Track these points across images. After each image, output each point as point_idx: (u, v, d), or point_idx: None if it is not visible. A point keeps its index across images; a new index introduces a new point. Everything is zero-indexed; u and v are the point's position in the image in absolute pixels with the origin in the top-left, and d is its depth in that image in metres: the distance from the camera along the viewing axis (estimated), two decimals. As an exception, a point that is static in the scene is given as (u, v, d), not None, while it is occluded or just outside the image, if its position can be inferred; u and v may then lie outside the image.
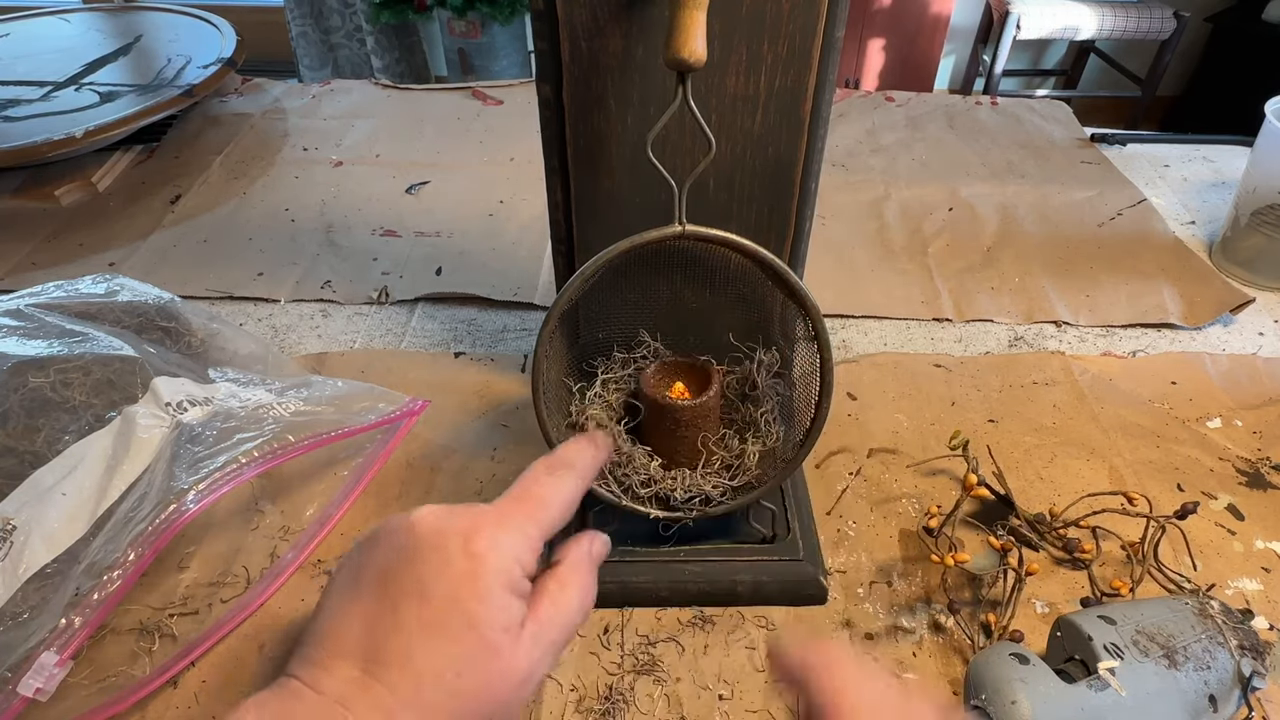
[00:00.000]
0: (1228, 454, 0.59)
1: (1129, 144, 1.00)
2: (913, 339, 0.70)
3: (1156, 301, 0.74)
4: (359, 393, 0.57)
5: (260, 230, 0.82)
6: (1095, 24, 2.25)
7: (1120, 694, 0.37)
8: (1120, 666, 0.38)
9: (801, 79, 0.42)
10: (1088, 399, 0.63)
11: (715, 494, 0.45)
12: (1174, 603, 0.42)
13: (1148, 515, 0.50)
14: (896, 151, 0.97)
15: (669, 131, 0.42)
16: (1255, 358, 0.68)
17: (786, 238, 0.48)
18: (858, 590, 0.50)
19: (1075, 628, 0.40)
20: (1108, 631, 0.39)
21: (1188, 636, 0.39)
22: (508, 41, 2.32)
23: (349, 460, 0.57)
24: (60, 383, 0.49)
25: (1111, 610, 0.41)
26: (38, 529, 0.45)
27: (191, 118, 1.00)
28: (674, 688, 0.45)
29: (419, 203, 0.87)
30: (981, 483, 0.51)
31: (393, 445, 0.57)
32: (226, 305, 0.73)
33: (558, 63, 0.41)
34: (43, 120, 0.86)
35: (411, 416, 0.57)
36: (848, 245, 0.81)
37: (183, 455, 0.48)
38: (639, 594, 0.48)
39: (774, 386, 0.49)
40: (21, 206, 0.85)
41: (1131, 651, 0.38)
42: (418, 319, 0.72)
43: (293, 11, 2.37)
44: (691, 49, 0.35)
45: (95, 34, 1.05)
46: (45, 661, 0.40)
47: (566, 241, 0.49)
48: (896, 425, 0.61)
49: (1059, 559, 0.51)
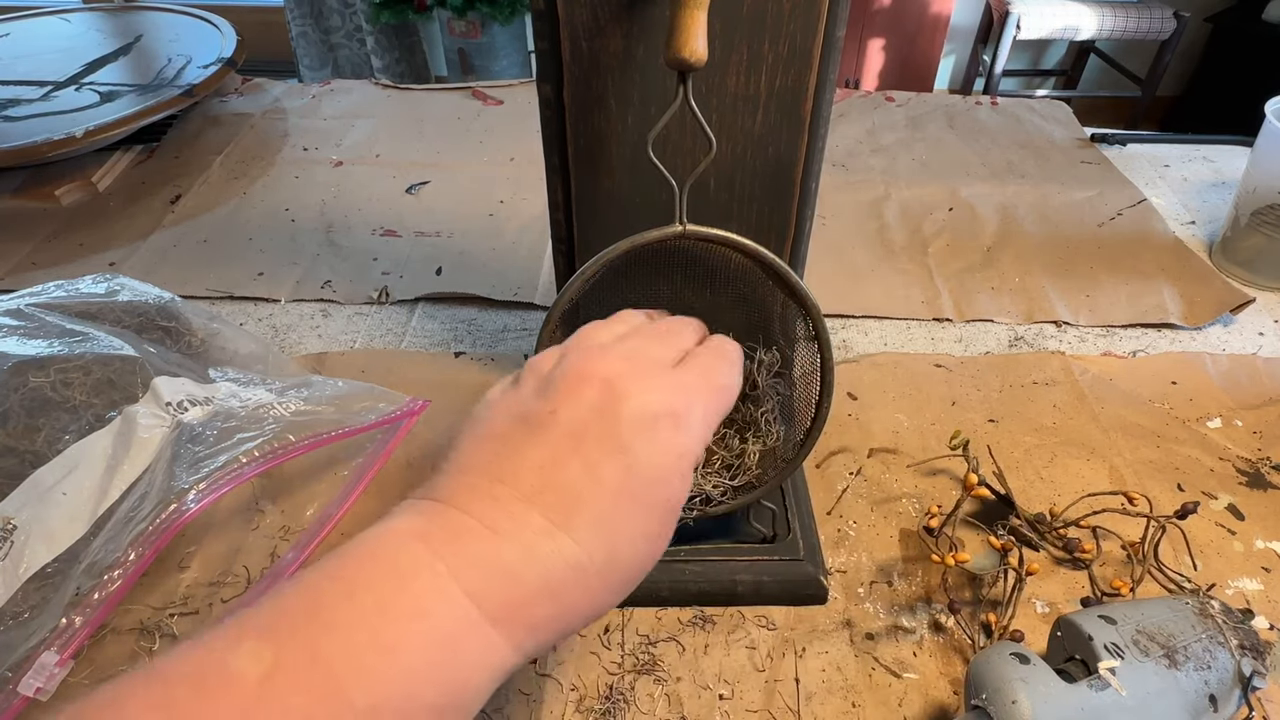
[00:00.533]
0: (1228, 454, 0.59)
1: (1129, 144, 1.00)
2: (913, 339, 0.70)
3: (1156, 301, 0.74)
4: (359, 393, 0.57)
5: (260, 230, 0.82)
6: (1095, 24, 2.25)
7: (1121, 693, 0.37)
8: (1121, 666, 0.38)
9: (802, 79, 0.42)
10: (1088, 399, 0.63)
11: (715, 494, 0.45)
12: (1174, 603, 0.42)
13: (1148, 515, 0.50)
14: (896, 151, 0.97)
15: (669, 131, 0.42)
16: (1255, 358, 0.68)
17: (787, 238, 0.48)
18: (858, 590, 0.50)
19: (1075, 627, 0.40)
20: (1108, 631, 0.39)
21: (1188, 636, 0.39)
22: (508, 41, 2.32)
23: (349, 460, 0.57)
24: (60, 382, 0.49)
25: (1112, 610, 0.41)
26: (38, 529, 0.45)
27: (191, 118, 1.00)
28: (674, 687, 0.45)
29: (419, 203, 0.87)
30: (982, 482, 0.51)
31: (393, 445, 0.57)
32: (226, 305, 0.73)
33: (558, 62, 0.41)
34: (43, 120, 0.86)
35: (412, 416, 0.57)
36: (848, 245, 0.81)
37: (183, 455, 0.48)
38: (639, 594, 0.47)
39: (774, 386, 0.49)
40: (21, 206, 0.85)
41: (1132, 651, 0.38)
42: (418, 319, 0.72)
43: (293, 11, 2.37)
44: (692, 49, 0.35)
45: (95, 34, 1.05)
46: (46, 661, 0.40)
47: (567, 241, 0.49)
48: (897, 425, 0.61)
49: (1059, 559, 0.51)
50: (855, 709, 0.44)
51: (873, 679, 0.45)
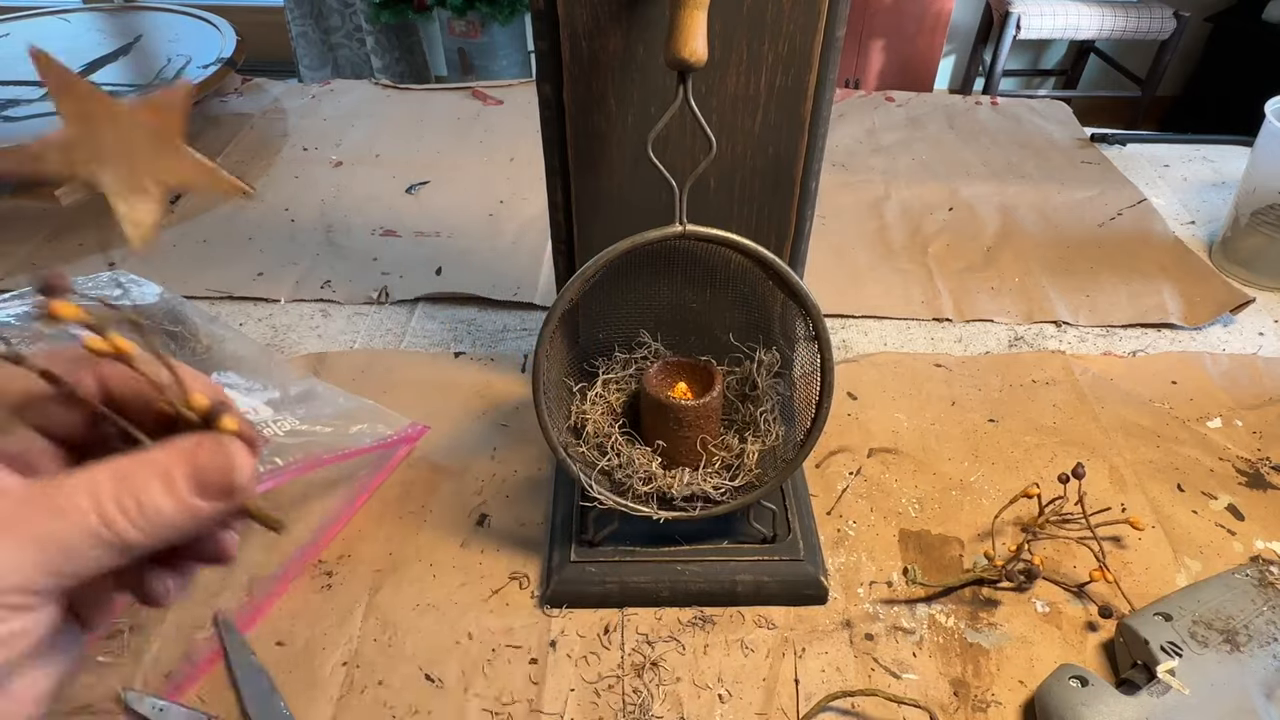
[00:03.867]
0: (1228, 454, 0.59)
1: (1129, 144, 1.00)
2: (913, 339, 0.70)
3: (1156, 301, 0.74)
4: (359, 410, 0.56)
5: (260, 230, 0.82)
6: (1095, 24, 2.25)
7: (1184, 693, 0.37)
8: (1180, 664, 0.38)
9: (802, 79, 0.42)
10: (1088, 399, 0.63)
11: (716, 494, 0.45)
12: (1230, 578, 0.41)
13: (1036, 495, 0.50)
14: (896, 151, 0.97)
15: (669, 131, 0.42)
16: (1255, 358, 0.68)
17: (787, 238, 0.48)
18: (858, 590, 0.50)
19: (1132, 632, 0.40)
20: (1164, 630, 0.39)
21: (1249, 613, 0.39)
22: (508, 41, 2.32)
23: (343, 483, 0.55)
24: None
25: (1168, 604, 0.41)
26: None
27: (191, 118, 1.00)
28: (674, 688, 0.45)
29: (419, 203, 0.87)
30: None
31: (386, 472, 0.56)
32: (226, 305, 0.73)
33: (558, 62, 0.41)
34: (43, 120, 0.86)
35: (410, 442, 0.57)
36: (848, 245, 0.81)
37: None
38: (639, 594, 0.48)
39: (774, 386, 0.49)
40: (21, 206, 0.85)
41: (1190, 645, 0.38)
42: (418, 319, 0.72)
43: (293, 11, 2.37)
44: (692, 49, 0.35)
45: (95, 34, 1.05)
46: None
47: (567, 241, 0.49)
48: (896, 425, 0.61)
49: (1023, 586, 0.50)
50: (855, 709, 0.44)
51: (872, 679, 0.45)
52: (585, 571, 0.48)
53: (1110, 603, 0.47)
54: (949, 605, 0.49)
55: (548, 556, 0.50)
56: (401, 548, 0.52)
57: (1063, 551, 0.52)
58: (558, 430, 0.45)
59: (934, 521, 0.54)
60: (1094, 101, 2.58)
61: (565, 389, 0.48)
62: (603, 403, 0.49)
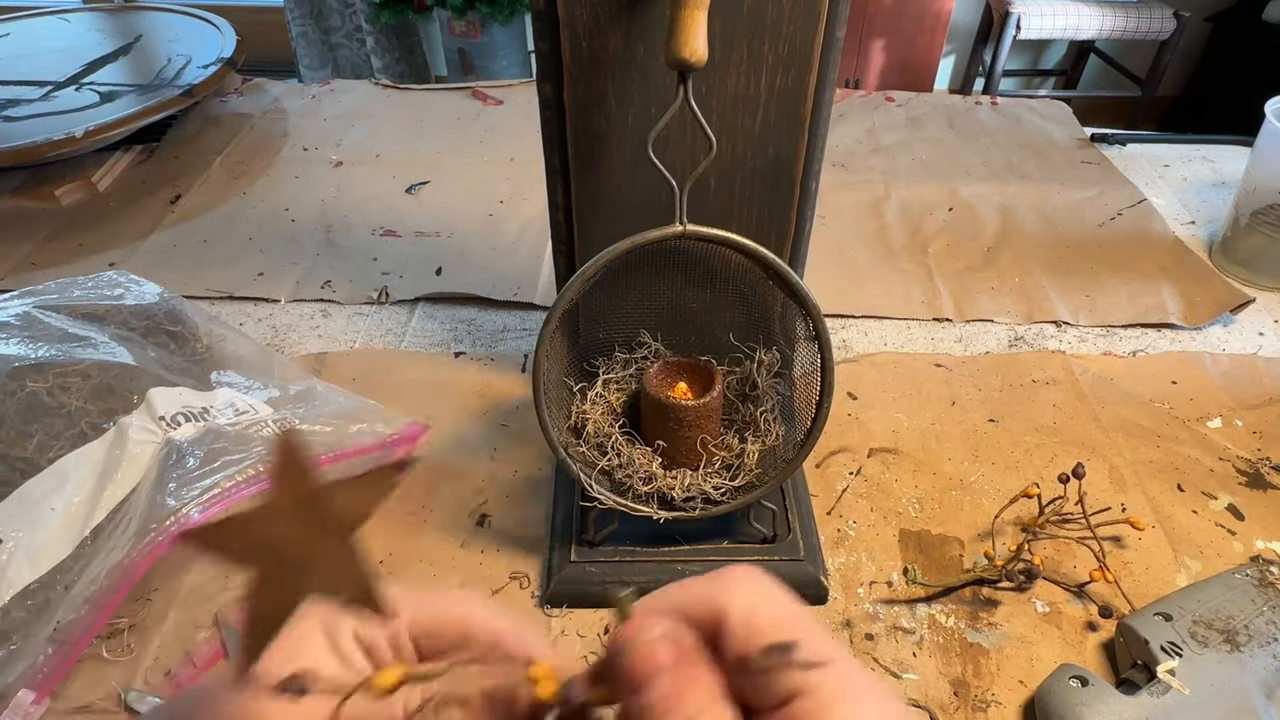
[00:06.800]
0: (1228, 454, 0.59)
1: (1129, 144, 1.00)
2: (913, 339, 0.70)
3: (1156, 301, 0.74)
4: (359, 410, 0.56)
5: (260, 230, 0.82)
6: (1095, 24, 2.25)
7: (1184, 693, 0.37)
8: (1180, 664, 0.38)
9: (802, 79, 0.42)
10: (1088, 399, 0.63)
11: (716, 494, 0.45)
12: (1230, 578, 0.41)
13: (1036, 495, 0.50)
14: (896, 151, 0.97)
15: (670, 131, 0.42)
16: (1255, 358, 0.68)
17: (787, 238, 0.48)
18: (858, 590, 0.50)
19: (1132, 632, 0.40)
20: (1164, 630, 0.39)
21: (1249, 613, 0.39)
22: (508, 41, 2.32)
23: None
24: (58, 387, 0.48)
25: (1168, 604, 0.41)
26: (24, 546, 0.44)
27: (191, 118, 1.00)
28: (674, 688, 0.45)
29: (419, 203, 0.87)
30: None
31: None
32: (226, 305, 0.73)
33: (558, 62, 0.41)
34: (43, 120, 0.86)
35: (410, 442, 0.57)
36: (848, 245, 0.81)
37: (168, 478, 0.47)
38: (639, 594, 0.48)
39: (774, 386, 0.49)
40: (21, 206, 0.85)
41: (1190, 645, 0.38)
42: (418, 319, 0.71)
43: (293, 11, 2.37)
44: (692, 49, 0.34)
45: (95, 34, 1.05)
46: (22, 700, 0.40)
47: (567, 241, 0.49)
48: (896, 425, 0.61)
49: (1023, 586, 0.50)
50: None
51: (873, 679, 0.45)
52: (585, 571, 0.48)
53: (1110, 603, 0.47)
54: (949, 605, 0.49)
55: (548, 557, 0.50)
56: (401, 548, 0.52)
57: (1063, 551, 0.52)
58: (558, 430, 0.45)
59: (934, 521, 0.54)
60: (1094, 101, 2.58)
61: (565, 389, 0.48)
62: (603, 403, 0.49)
